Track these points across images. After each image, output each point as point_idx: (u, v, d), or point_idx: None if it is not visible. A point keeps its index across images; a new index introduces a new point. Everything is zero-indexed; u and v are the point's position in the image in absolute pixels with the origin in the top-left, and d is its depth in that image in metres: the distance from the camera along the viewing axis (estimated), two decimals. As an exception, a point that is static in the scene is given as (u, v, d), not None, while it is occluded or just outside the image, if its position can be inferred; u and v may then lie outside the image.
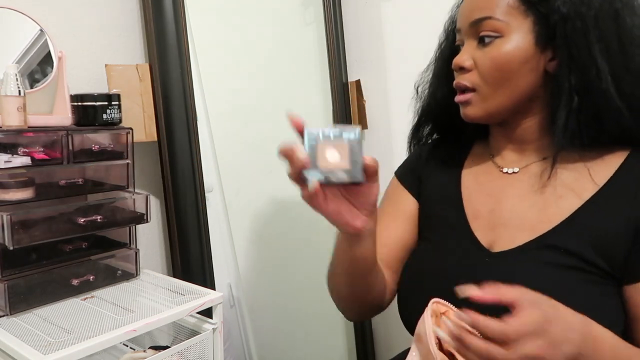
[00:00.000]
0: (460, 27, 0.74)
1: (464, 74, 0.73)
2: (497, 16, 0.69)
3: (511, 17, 0.68)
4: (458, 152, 0.86)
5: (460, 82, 0.74)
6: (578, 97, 0.68)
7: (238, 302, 1.49)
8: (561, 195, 0.71)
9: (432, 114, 0.87)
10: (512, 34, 0.69)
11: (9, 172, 0.87)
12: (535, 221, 0.71)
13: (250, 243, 1.50)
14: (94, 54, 1.13)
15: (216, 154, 1.39)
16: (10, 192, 0.87)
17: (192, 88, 1.19)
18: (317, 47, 1.52)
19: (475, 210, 0.77)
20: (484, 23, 0.70)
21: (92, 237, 1.00)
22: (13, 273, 0.89)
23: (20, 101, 0.88)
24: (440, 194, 0.83)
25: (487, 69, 0.70)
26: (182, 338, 1.00)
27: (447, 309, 0.66)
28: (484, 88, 0.72)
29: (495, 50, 0.69)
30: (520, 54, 0.69)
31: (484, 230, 0.75)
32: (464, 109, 0.75)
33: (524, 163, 0.77)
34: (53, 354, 0.74)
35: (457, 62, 0.73)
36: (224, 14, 1.41)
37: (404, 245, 0.84)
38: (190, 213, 1.20)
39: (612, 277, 0.66)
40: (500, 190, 0.77)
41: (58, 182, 0.94)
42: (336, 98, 1.49)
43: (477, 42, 0.72)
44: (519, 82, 0.70)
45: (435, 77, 0.84)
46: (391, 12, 1.44)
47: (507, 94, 0.71)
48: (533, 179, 0.74)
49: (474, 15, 0.71)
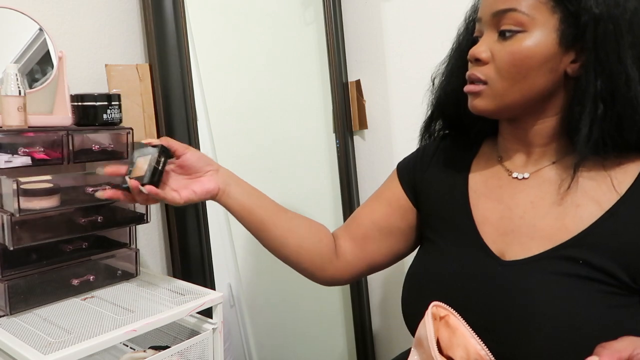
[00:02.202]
0: (481, 16, 0.70)
1: (479, 66, 0.70)
2: (522, 9, 0.65)
3: (537, 12, 0.65)
4: (465, 152, 0.83)
5: (473, 74, 0.70)
6: (603, 105, 0.65)
7: (238, 302, 1.49)
8: (579, 204, 0.68)
9: (443, 107, 0.84)
10: (536, 30, 0.65)
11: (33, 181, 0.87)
12: (552, 230, 0.68)
13: (250, 243, 1.50)
14: (94, 54, 1.13)
15: (216, 154, 1.39)
16: (34, 200, 0.86)
17: (192, 88, 1.19)
18: (317, 47, 1.52)
19: (483, 215, 0.75)
20: (507, 15, 0.66)
21: (92, 237, 1.00)
22: (13, 273, 0.89)
23: (20, 101, 0.88)
24: (447, 195, 0.81)
25: (504, 63, 0.67)
26: (182, 338, 1.00)
27: (447, 313, 0.66)
28: (498, 82, 0.68)
29: (516, 45, 0.66)
30: (541, 52, 0.65)
31: (493, 237, 0.72)
32: (473, 100, 0.71)
33: (534, 167, 0.74)
34: (53, 354, 0.74)
35: (473, 53, 0.69)
36: (224, 14, 1.41)
37: (376, 226, 0.87)
38: (190, 213, 1.20)
39: (633, 289, 0.64)
40: (510, 197, 0.74)
41: (83, 189, 0.94)
42: (336, 98, 1.49)
43: (497, 34, 0.68)
44: (536, 81, 0.67)
45: (449, 68, 0.82)
46: (391, 12, 1.43)
47: (521, 92, 0.68)
48: (546, 186, 0.71)
49: (498, 6, 0.66)
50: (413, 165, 0.88)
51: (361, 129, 1.54)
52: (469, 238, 0.74)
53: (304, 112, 1.56)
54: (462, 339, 0.64)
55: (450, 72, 0.81)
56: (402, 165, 0.91)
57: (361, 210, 0.90)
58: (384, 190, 0.90)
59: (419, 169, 0.87)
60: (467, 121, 0.79)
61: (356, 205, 1.55)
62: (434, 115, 0.86)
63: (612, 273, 0.63)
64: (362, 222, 0.88)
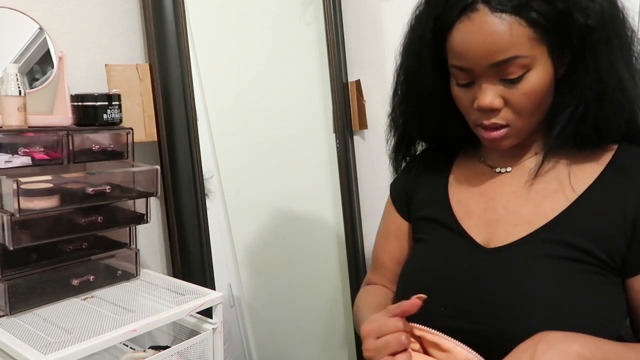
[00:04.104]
0: (472, 67, 0.67)
1: (495, 115, 0.70)
2: (523, 53, 0.64)
3: (534, 49, 0.65)
4: (445, 158, 0.86)
5: (494, 122, 0.70)
6: (586, 106, 0.68)
7: (238, 302, 1.49)
8: (556, 189, 0.71)
9: (415, 134, 0.87)
10: (537, 65, 0.66)
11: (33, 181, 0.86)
12: (532, 216, 0.71)
13: (250, 243, 1.50)
14: (94, 54, 1.13)
15: (216, 154, 1.39)
16: (34, 200, 0.86)
17: (192, 88, 1.19)
18: (317, 47, 1.52)
19: (467, 210, 0.77)
20: (510, 63, 0.65)
21: (92, 237, 1.00)
22: (13, 273, 0.89)
23: (20, 101, 0.88)
24: (429, 198, 0.84)
25: (522, 104, 0.68)
26: (182, 338, 1.00)
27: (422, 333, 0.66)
28: (519, 122, 0.70)
29: (527, 86, 0.66)
30: (547, 80, 0.67)
31: (478, 229, 0.75)
32: (500, 142, 0.72)
33: (516, 161, 0.77)
34: (53, 354, 0.74)
35: (486, 104, 0.68)
36: (224, 14, 1.41)
37: (399, 263, 0.87)
38: (190, 213, 1.20)
39: (613, 268, 0.67)
40: (492, 189, 0.77)
41: (83, 189, 0.93)
42: (336, 98, 1.49)
43: (499, 79, 0.67)
44: (547, 103, 0.70)
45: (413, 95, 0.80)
46: (391, 12, 1.43)
47: (537, 118, 0.71)
48: (526, 175, 0.75)
49: (496, 57, 0.65)
50: (404, 181, 0.91)
51: (361, 129, 1.54)
52: (454, 232, 0.76)
53: (304, 112, 1.56)
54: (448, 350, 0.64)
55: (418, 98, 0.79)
56: (393, 186, 0.93)
57: (380, 254, 0.92)
58: (389, 224, 0.92)
59: (409, 183, 0.89)
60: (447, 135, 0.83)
61: (356, 205, 1.55)
62: (402, 145, 0.89)
63: (590, 251, 0.66)
64: (388, 266, 0.90)
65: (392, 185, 0.94)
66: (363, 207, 1.58)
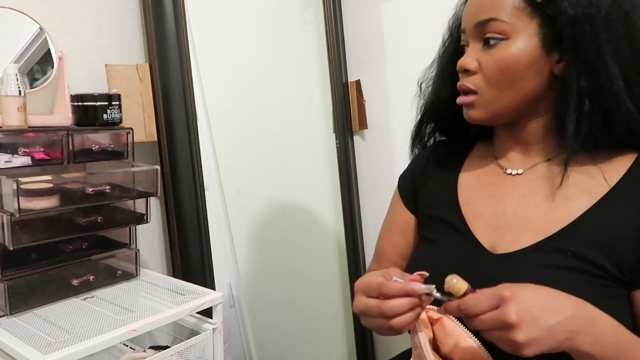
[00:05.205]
0: (464, 27, 0.73)
1: (468, 76, 0.72)
2: (502, 18, 0.67)
3: (517, 19, 0.67)
4: (457, 154, 0.85)
5: (464, 84, 0.73)
6: (589, 101, 0.67)
7: (238, 302, 1.49)
8: (569, 197, 0.69)
9: (435, 113, 0.86)
10: (518, 37, 0.67)
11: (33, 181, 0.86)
12: (541, 223, 0.69)
13: (250, 243, 1.50)
14: (94, 54, 1.13)
15: (216, 154, 1.39)
16: (34, 200, 0.86)
17: (192, 88, 1.19)
18: (317, 47, 1.52)
19: (476, 212, 0.76)
20: (489, 24, 0.68)
21: (92, 237, 1.00)
22: (13, 273, 0.89)
23: (20, 101, 0.88)
24: (437, 196, 0.83)
25: (491, 72, 0.69)
26: (182, 338, 1.00)
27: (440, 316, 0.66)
28: (488, 91, 0.71)
29: (501, 53, 0.68)
30: (525, 57, 0.67)
31: (486, 232, 0.74)
32: (468, 111, 0.74)
33: (529, 164, 0.76)
34: (53, 354, 0.74)
35: (461, 64, 0.72)
36: (224, 14, 1.41)
37: (403, 256, 0.88)
38: (190, 213, 1.20)
39: (621, 281, 0.65)
40: (503, 192, 0.76)
41: (83, 189, 0.93)
42: (336, 98, 1.49)
43: (482, 43, 0.70)
44: (524, 85, 0.69)
45: (439, 75, 0.84)
46: (391, 12, 1.44)
47: (511, 97, 0.70)
48: (539, 181, 0.73)
49: (479, 17, 0.69)
50: (412, 175, 0.90)
51: (361, 129, 1.54)
52: (461, 234, 0.76)
53: (304, 112, 1.56)
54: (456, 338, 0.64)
55: (441, 79, 0.83)
56: (402, 179, 0.93)
57: (384, 245, 0.92)
58: (394, 217, 0.91)
59: (417, 177, 0.88)
60: (464, 125, 0.81)
61: (356, 205, 1.55)
62: (424, 119, 0.89)
63: (599, 264, 0.64)
64: (391, 258, 0.90)
65: (400, 178, 0.93)
66: (363, 207, 1.58)
